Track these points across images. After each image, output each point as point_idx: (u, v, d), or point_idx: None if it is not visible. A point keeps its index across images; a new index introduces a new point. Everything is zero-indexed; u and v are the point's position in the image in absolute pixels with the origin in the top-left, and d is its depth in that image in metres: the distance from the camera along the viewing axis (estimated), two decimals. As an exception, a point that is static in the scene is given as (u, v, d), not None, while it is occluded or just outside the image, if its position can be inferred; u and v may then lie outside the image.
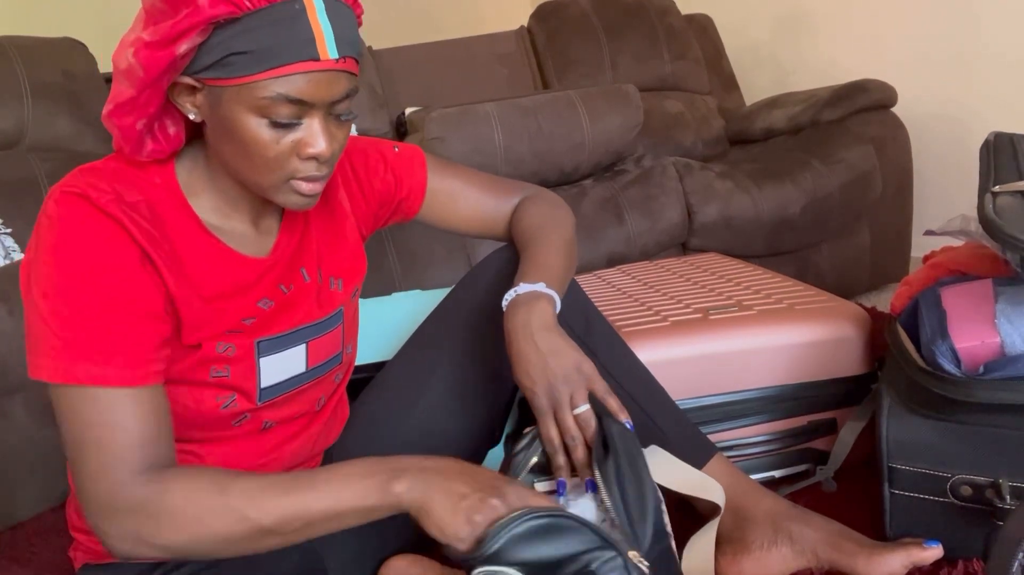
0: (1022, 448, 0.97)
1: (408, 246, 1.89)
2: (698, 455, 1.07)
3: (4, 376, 1.41)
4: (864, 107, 2.38)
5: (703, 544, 1.00)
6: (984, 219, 1.01)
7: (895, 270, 2.41)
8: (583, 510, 0.87)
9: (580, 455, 0.89)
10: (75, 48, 2.09)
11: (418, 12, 3.58)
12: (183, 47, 0.74)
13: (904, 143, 2.38)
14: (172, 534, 0.76)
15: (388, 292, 1.68)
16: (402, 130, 2.39)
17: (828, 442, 1.29)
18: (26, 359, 0.78)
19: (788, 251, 2.24)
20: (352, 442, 1.06)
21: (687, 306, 1.42)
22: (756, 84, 3.01)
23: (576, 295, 1.06)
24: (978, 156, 1.23)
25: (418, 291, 1.57)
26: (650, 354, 1.18)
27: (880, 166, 2.29)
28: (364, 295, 1.17)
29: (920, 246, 1.95)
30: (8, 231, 1.72)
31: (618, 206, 2.06)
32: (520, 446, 0.94)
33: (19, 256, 1.68)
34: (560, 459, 0.90)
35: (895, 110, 2.41)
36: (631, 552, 0.78)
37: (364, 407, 1.10)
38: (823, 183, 2.21)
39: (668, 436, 1.06)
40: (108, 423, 0.76)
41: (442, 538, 0.76)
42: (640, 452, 0.90)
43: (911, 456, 1.04)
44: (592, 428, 0.89)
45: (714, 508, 1.02)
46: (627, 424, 0.91)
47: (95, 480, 0.77)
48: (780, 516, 1.03)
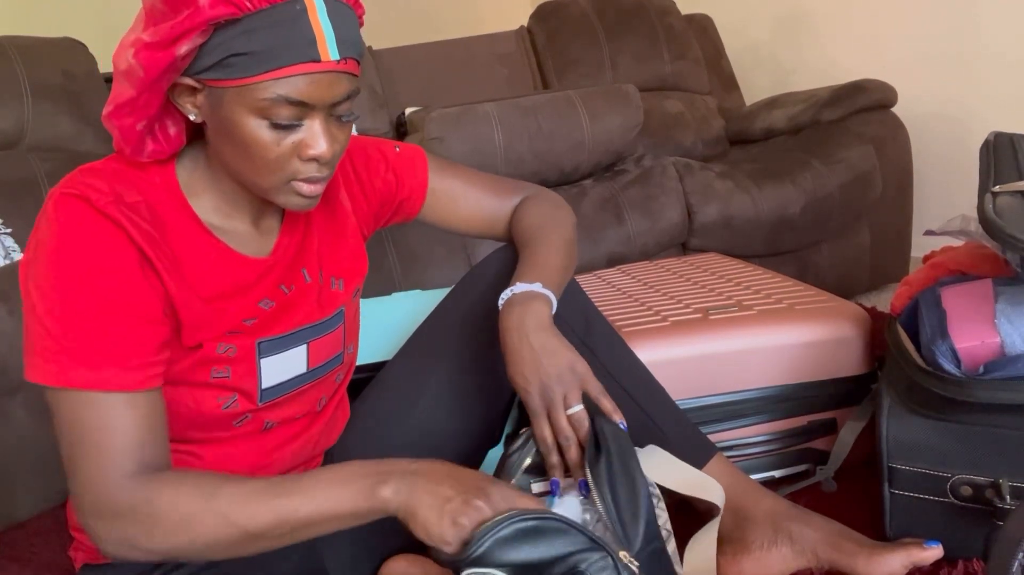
0: (1022, 448, 0.97)
1: (408, 246, 1.89)
2: (698, 455, 1.07)
3: (4, 376, 1.41)
4: (864, 107, 2.38)
5: (704, 544, 1.00)
6: (984, 219, 1.01)
7: (895, 270, 2.41)
8: (573, 510, 0.87)
9: (574, 455, 0.89)
10: (75, 48, 2.09)
11: (418, 12, 3.58)
12: (183, 48, 0.74)
13: (904, 143, 2.38)
14: (161, 539, 0.76)
15: (388, 292, 1.68)
16: (402, 130, 2.39)
17: (828, 442, 1.29)
18: (23, 360, 0.78)
19: (788, 251, 2.24)
20: (352, 442, 1.06)
21: (687, 306, 1.42)
22: (756, 84, 3.01)
23: (576, 295, 1.06)
24: (978, 156, 1.23)
25: (418, 291, 1.57)
26: (650, 354, 1.18)
27: (880, 166, 2.29)
28: (364, 295, 1.17)
29: (920, 246, 1.95)
30: (8, 231, 1.72)
31: (618, 206, 2.06)
32: (515, 447, 0.94)
33: (19, 256, 1.68)
34: (554, 459, 0.90)
35: (895, 110, 2.41)
36: (621, 552, 0.77)
37: (364, 407, 1.10)
38: (823, 183, 2.21)
39: (668, 436, 1.06)
40: (103, 427, 0.77)
41: (428, 541, 0.75)
42: (633, 452, 0.89)
43: (911, 456, 1.04)
44: (585, 428, 0.89)
45: (714, 508, 1.02)
46: (621, 425, 0.90)
47: (88, 483, 0.77)
48: (780, 516, 1.03)
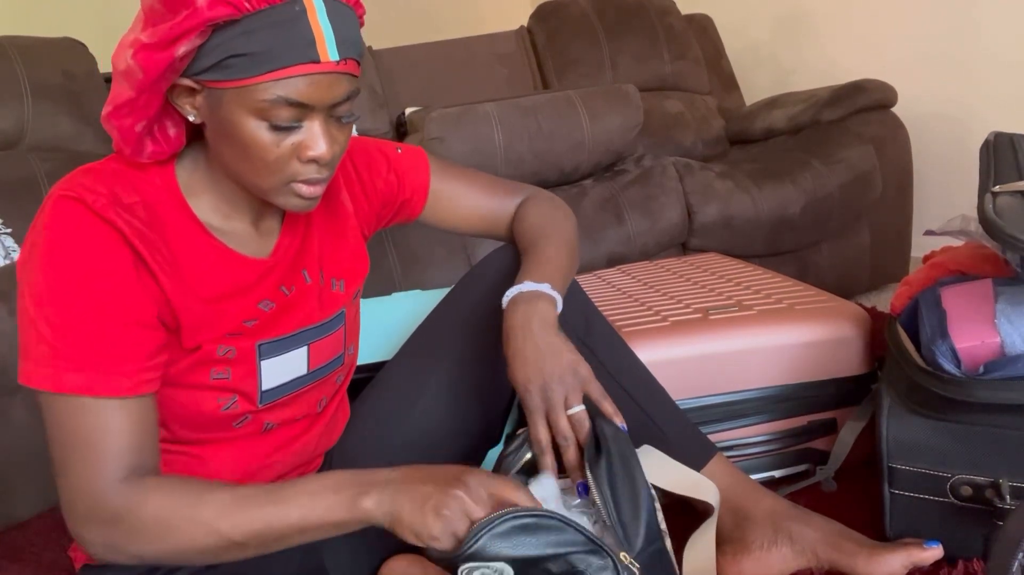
0: (1022, 448, 0.97)
1: (408, 246, 1.89)
2: (698, 455, 1.07)
3: (4, 376, 1.41)
4: (864, 107, 2.38)
5: (703, 544, 1.00)
6: (984, 219, 1.00)
7: (895, 270, 2.41)
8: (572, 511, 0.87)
9: (572, 456, 0.88)
10: (75, 48, 2.09)
11: (418, 12, 3.58)
12: (182, 49, 0.74)
13: (904, 143, 2.38)
14: (146, 545, 0.77)
15: (388, 292, 1.67)
16: (402, 130, 2.39)
17: (828, 442, 1.29)
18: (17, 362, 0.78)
19: (788, 251, 2.24)
20: (352, 442, 1.06)
21: (687, 306, 1.42)
22: (756, 84, 3.01)
23: (576, 295, 1.06)
24: (978, 156, 1.23)
25: (418, 291, 1.57)
26: (650, 354, 1.18)
27: (880, 166, 2.29)
28: (364, 295, 1.16)
29: (920, 246, 1.95)
30: (8, 231, 1.72)
31: (618, 206, 2.06)
32: (511, 447, 0.93)
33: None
34: (547, 460, 0.88)
35: (895, 110, 2.41)
36: (621, 554, 0.77)
37: (364, 407, 1.10)
38: (823, 183, 2.21)
39: (668, 436, 1.05)
40: (95, 432, 0.77)
41: (419, 542, 0.76)
42: (633, 453, 0.89)
43: (911, 456, 1.04)
44: (586, 429, 0.88)
45: (712, 508, 1.02)
46: (621, 427, 0.90)
47: (77, 487, 0.77)
48: (780, 516, 1.03)
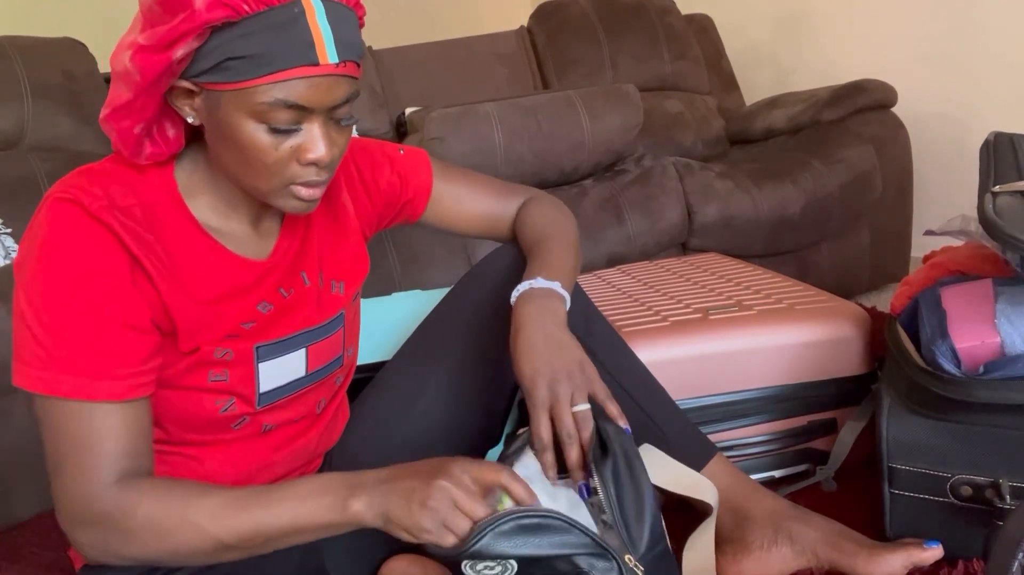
0: (1022, 448, 0.97)
1: (408, 246, 1.89)
2: (698, 455, 1.07)
3: (4, 376, 1.41)
4: (864, 107, 2.38)
5: (703, 544, 1.00)
6: (984, 219, 1.01)
7: (895, 270, 2.41)
8: (571, 506, 0.86)
9: (574, 456, 0.86)
10: (75, 48, 2.09)
11: (418, 12, 3.58)
12: (179, 52, 0.73)
13: (904, 143, 2.38)
14: (138, 547, 0.78)
15: (388, 292, 1.67)
16: (402, 130, 2.38)
17: (828, 442, 1.29)
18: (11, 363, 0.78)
19: (788, 251, 2.24)
20: (352, 442, 1.06)
21: (687, 306, 1.42)
22: (756, 84, 3.01)
23: (576, 295, 1.06)
24: (978, 156, 1.23)
25: (418, 291, 1.57)
26: (650, 354, 1.18)
27: (880, 166, 2.29)
28: (364, 295, 1.16)
29: (920, 246, 1.94)
30: (8, 231, 1.72)
31: (618, 206, 2.06)
32: (512, 447, 0.93)
33: (19, 256, 1.68)
34: (548, 458, 0.87)
35: (895, 110, 2.41)
36: (627, 556, 0.77)
37: (364, 407, 1.10)
38: (823, 183, 2.21)
39: (668, 436, 1.05)
40: (89, 436, 0.77)
41: (411, 538, 0.76)
42: (637, 455, 0.88)
43: (911, 456, 1.04)
44: (590, 429, 0.87)
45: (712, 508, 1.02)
46: (625, 430, 0.89)
47: (70, 490, 0.77)
48: (780, 516, 1.03)
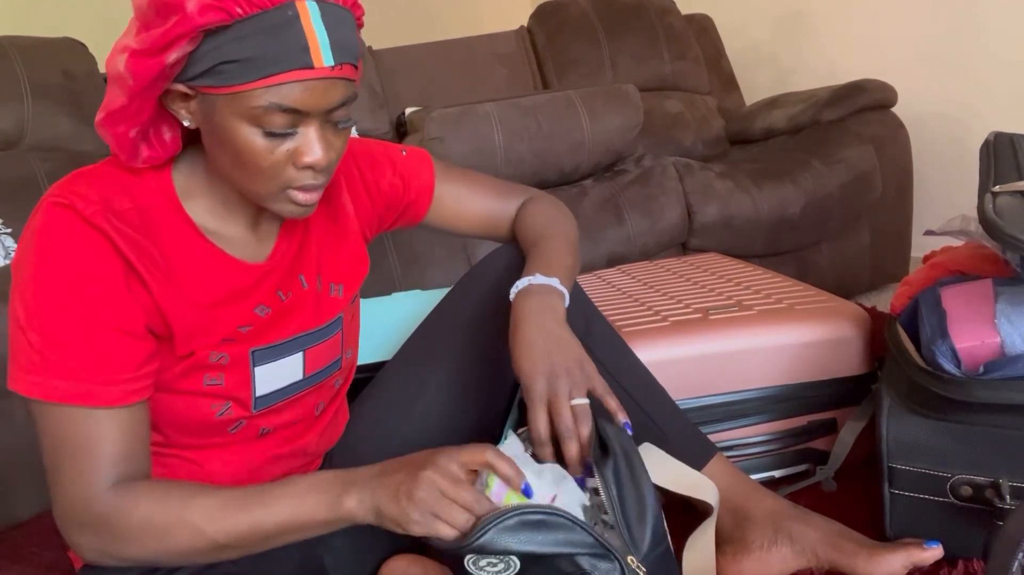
0: (1022, 448, 0.97)
1: (408, 246, 1.89)
2: (698, 455, 1.07)
3: (4, 377, 1.41)
4: (864, 107, 2.38)
5: (703, 544, 1.00)
6: (984, 219, 1.00)
7: (895, 270, 2.41)
8: (557, 480, 0.86)
9: (573, 451, 0.85)
10: (75, 48, 2.09)
11: (418, 12, 3.58)
12: (172, 56, 0.73)
13: (904, 143, 2.38)
14: (135, 549, 0.78)
15: (388, 292, 1.67)
16: (402, 130, 2.38)
17: (828, 442, 1.29)
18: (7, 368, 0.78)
19: (788, 251, 2.24)
20: (352, 442, 1.06)
21: (687, 306, 1.42)
22: (756, 84, 3.01)
23: (576, 295, 1.06)
24: (978, 156, 1.23)
25: (418, 291, 1.57)
26: (650, 354, 1.18)
27: (880, 166, 2.29)
28: (364, 295, 1.16)
29: (920, 246, 1.94)
30: (8, 231, 1.73)
31: (618, 206, 2.06)
32: (499, 445, 0.93)
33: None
34: (547, 452, 0.87)
35: (895, 110, 2.41)
36: (628, 557, 0.77)
37: (364, 407, 1.10)
38: (823, 183, 2.21)
39: (668, 436, 1.05)
40: (85, 441, 0.77)
41: (402, 530, 0.77)
42: (637, 454, 0.88)
43: (911, 456, 1.04)
44: (588, 424, 0.86)
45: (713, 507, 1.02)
46: (625, 425, 0.89)
47: (68, 494, 0.78)
48: (780, 516, 1.03)
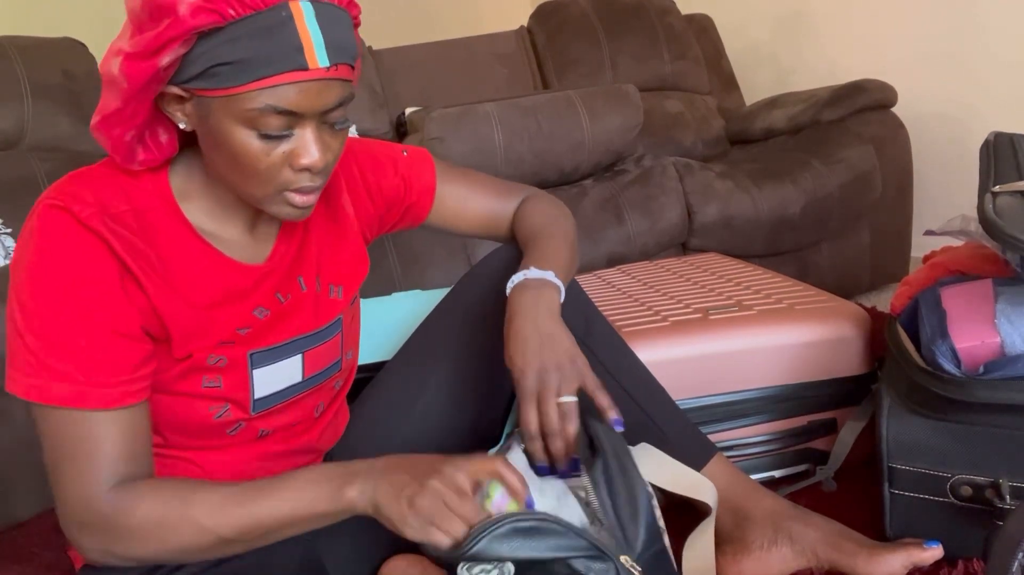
0: (1022, 448, 0.97)
1: (408, 247, 1.89)
2: (698, 455, 1.07)
3: (3, 377, 1.41)
4: (864, 107, 2.38)
5: (702, 544, 1.00)
6: (984, 219, 1.00)
7: (895, 270, 2.41)
8: (559, 496, 0.86)
9: (557, 448, 0.87)
10: (75, 48, 2.09)
11: (418, 12, 3.58)
12: (165, 59, 0.72)
13: (904, 143, 2.38)
14: (139, 547, 0.78)
15: (388, 292, 1.67)
16: (402, 130, 2.38)
17: (828, 442, 1.29)
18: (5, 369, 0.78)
19: (788, 251, 2.24)
20: (352, 443, 1.06)
21: (687, 306, 1.42)
22: (756, 84, 3.01)
23: (576, 295, 1.06)
24: (978, 156, 1.23)
25: (418, 291, 1.57)
26: (650, 354, 1.18)
27: (880, 166, 2.29)
28: (364, 295, 1.16)
29: (920, 246, 1.94)
30: (8, 231, 1.72)
31: (618, 206, 2.06)
32: (497, 449, 0.93)
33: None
34: (536, 446, 0.87)
35: (895, 110, 2.41)
36: (622, 557, 0.77)
37: (364, 408, 1.10)
38: (823, 183, 2.21)
39: (668, 436, 1.05)
40: (85, 443, 0.77)
41: (395, 530, 0.77)
42: (628, 451, 0.88)
43: (911, 456, 1.04)
44: (574, 423, 0.87)
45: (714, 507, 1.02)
46: (616, 421, 0.89)
47: (70, 496, 0.78)
48: (780, 516, 1.03)
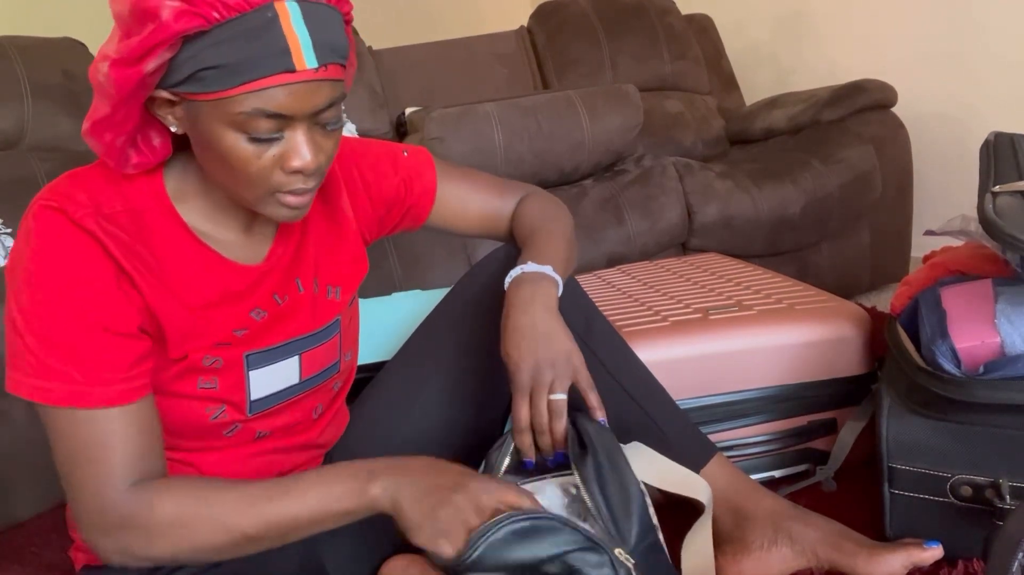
0: (1022, 448, 0.97)
1: (409, 247, 1.89)
2: (698, 455, 1.07)
3: (3, 377, 1.41)
4: (864, 107, 2.38)
5: (701, 542, 1.00)
6: (984, 219, 1.01)
7: (895, 270, 2.41)
8: (550, 496, 0.88)
9: (546, 443, 0.88)
10: (75, 48, 2.09)
11: (418, 12, 3.58)
12: (151, 64, 0.71)
13: (904, 143, 2.38)
14: (161, 547, 0.77)
15: (388, 292, 1.68)
16: (402, 130, 2.38)
17: (828, 442, 1.29)
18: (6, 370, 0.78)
19: (788, 251, 2.24)
20: (352, 443, 1.06)
21: (687, 306, 1.42)
22: (756, 84, 3.01)
23: (576, 295, 1.06)
24: (978, 156, 1.23)
25: (418, 291, 1.57)
26: (650, 354, 1.18)
27: (880, 166, 2.29)
28: (364, 295, 1.16)
29: (920, 246, 1.95)
30: (8, 231, 1.72)
31: (618, 206, 2.06)
32: (495, 445, 0.94)
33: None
34: (526, 440, 0.88)
35: (895, 110, 2.41)
36: (616, 550, 0.77)
37: (364, 407, 1.10)
38: (823, 183, 2.21)
39: (668, 436, 1.05)
40: (95, 442, 0.77)
41: (410, 535, 0.76)
42: (618, 447, 0.89)
43: (911, 456, 1.04)
44: (562, 421, 0.88)
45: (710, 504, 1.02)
46: (602, 422, 0.90)
47: (85, 497, 0.77)
48: (780, 516, 1.03)
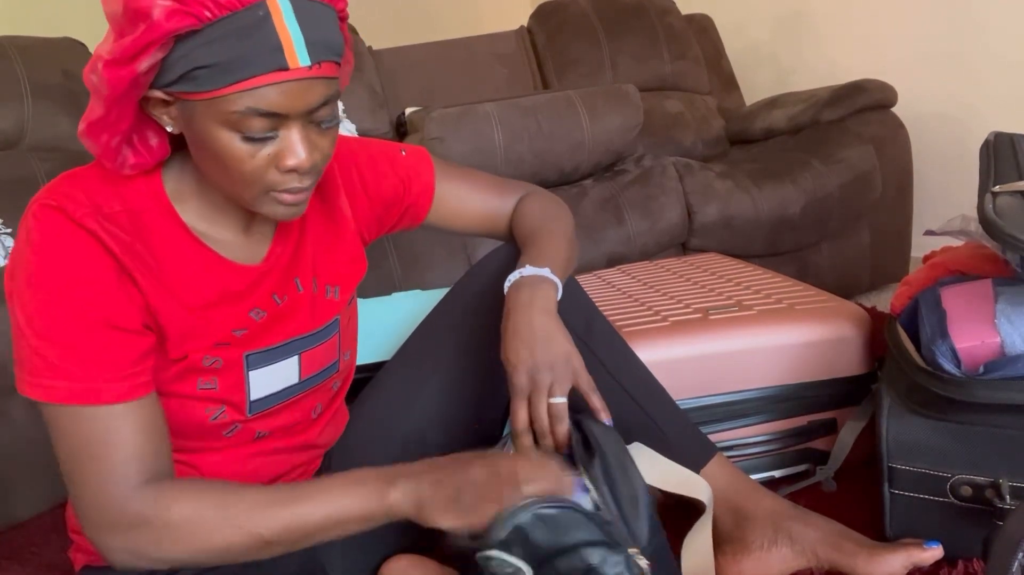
0: (1022, 448, 0.97)
1: (409, 247, 1.89)
2: (698, 455, 1.07)
3: (4, 376, 1.41)
4: (864, 107, 2.38)
5: (701, 542, 1.00)
6: (984, 219, 1.01)
7: (895, 270, 2.41)
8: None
9: (548, 447, 0.88)
10: (75, 48, 2.09)
11: (418, 12, 3.58)
12: (144, 64, 0.71)
13: (904, 143, 2.38)
14: (173, 549, 0.76)
15: (388, 292, 1.68)
16: (402, 130, 2.38)
17: (828, 442, 1.29)
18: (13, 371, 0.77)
19: (788, 251, 2.24)
20: (351, 443, 1.06)
21: (687, 306, 1.42)
22: (756, 84, 3.01)
23: (577, 295, 1.06)
24: (978, 156, 1.23)
25: (418, 291, 1.57)
26: (650, 354, 1.18)
27: (880, 166, 2.29)
28: (364, 295, 1.16)
29: (920, 246, 1.95)
30: (8, 231, 1.72)
31: (618, 206, 2.06)
32: (498, 445, 0.94)
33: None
34: (526, 442, 0.88)
35: (895, 110, 2.41)
36: (631, 549, 0.78)
37: (363, 407, 1.10)
38: (823, 183, 2.21)
39: (668, 436, 1.05)
40: (101, 440, 0.76)
41: (434, 523, 0.77)
42: (624, 449, 0.89)
43: (911, 456, 1.04)
44: (564, 424, 0.87)
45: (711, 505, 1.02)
46: (607, 423, 0.90)
47: (93, 497, 0.76)
48: (780, 516, 1.03)
